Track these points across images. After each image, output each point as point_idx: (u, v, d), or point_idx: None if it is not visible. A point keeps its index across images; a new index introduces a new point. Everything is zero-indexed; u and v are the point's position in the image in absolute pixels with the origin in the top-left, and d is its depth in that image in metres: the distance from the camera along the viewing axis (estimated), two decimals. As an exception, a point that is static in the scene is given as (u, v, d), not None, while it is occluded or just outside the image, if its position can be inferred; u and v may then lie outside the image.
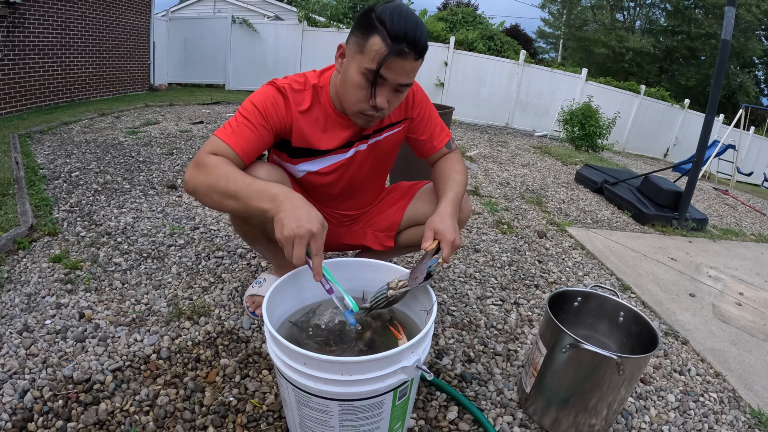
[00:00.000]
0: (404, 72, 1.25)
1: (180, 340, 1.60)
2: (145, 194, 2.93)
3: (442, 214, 1.32)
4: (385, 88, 1.27)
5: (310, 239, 1.10)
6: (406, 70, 1.24)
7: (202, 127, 5.26)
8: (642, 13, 27.92)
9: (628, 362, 1.23)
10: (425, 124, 1.59)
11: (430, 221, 1.31)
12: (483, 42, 13.47)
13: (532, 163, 5.82)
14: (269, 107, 1.35)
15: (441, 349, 1.72)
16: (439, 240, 1.26)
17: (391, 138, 1.57)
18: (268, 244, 1.62)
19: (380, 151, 1.57)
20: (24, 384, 1.34)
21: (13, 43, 6.10)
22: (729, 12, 3.69)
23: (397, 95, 1.32)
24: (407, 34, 1.19)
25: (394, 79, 1.25)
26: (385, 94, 1.28)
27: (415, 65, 1.26)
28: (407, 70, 1.25)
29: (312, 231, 1.09)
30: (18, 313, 1.66)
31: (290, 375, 0.98)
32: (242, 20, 11.16)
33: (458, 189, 1.46)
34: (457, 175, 1.52)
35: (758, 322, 2.39)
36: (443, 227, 1.27)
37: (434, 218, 1.31)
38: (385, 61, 1.20)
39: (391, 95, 1.30)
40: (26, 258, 2.04)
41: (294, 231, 1.09)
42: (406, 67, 1.24)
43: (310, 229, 1.09)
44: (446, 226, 1.27)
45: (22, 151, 3.65)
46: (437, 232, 1.27)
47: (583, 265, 2.72)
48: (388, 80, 1.25)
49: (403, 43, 1.19)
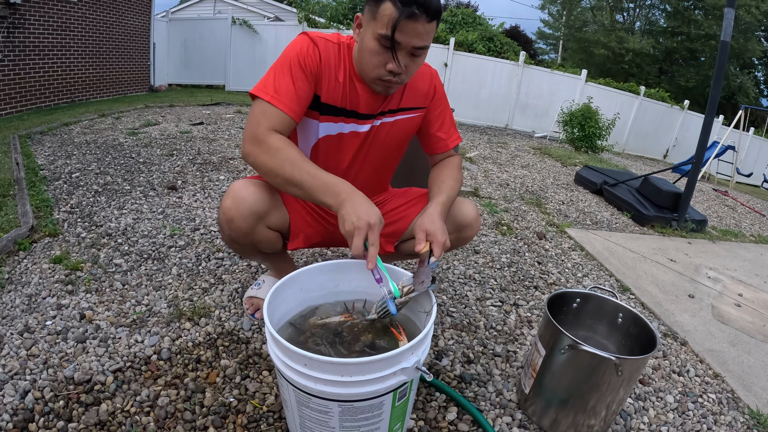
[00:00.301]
0: (417, 34, 1.25)
1: (180, 341, 1.61)
2: (146, 195, 2.93)
3: (432, 216, 1.32)
4: (401, 52, 1.29)
5: (368, 231, 1.17)
6: (418, 32, 1.25)
7: (202, 128, 5.26)
8: (642, 14, 27.95)
9: (626, 363, 1.24)
10: (441, 120, 1.61)
11: (420, 222, 1.30)
12: (483, 43, 13.48)
13: (531, 164, 5.83)
14: (306, 57, 1.36)
15: (440, 350, 1.73)
16: (431, 241, 1.27)
17: (406, 123, 1.56)
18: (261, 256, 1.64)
19: (393, 133, 1.55)
20: (25, 384, 1.35)
21: (14, 44, 6.11)
22: (728, 13, 3.70)
23: (414, 60, 1.32)
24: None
25: (408, 42, 1.26)
26: (401, 58, 1.30)
27: (428, 27, 1.26)
28: (420, 33, 1.25)
29: (370, 223, 1.16)
30: (19, 314, 1.67)
31: (291, 376, 0.98)
32: (242, 21, 11.17)
33: (451, 194, 1.47)
34: (454, 182, 1.53)
35: (757, 323, 2.39)
36: (434, 229, 1.28)
37: (425, 219, 1.31)
38: (398, 25, 1.22)
39: (408, 60, 1.31)
40: (27, 259, 2.05)
41: (354, 224, 1.16)
42: (418, 29, 1.24)
43: (368, 221, 1.16)
44: (437, 228, 1.28)
45: (23, 152, 3.65)
46: (429, 233, 1.28)
47: (583, 267, 2.73)
48: (402, 44, 1.26)
49: (413, 5, 1.21)
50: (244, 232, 1.41)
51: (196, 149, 4.20)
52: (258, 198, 1.39)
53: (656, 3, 26.71)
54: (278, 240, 1.55)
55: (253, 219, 1.39)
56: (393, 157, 1.67)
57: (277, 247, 1.57)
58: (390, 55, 1.28)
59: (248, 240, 1.45)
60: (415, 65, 1.35)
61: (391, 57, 1.28)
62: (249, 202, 1.37)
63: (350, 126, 1.49)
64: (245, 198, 1.37)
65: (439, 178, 1.53)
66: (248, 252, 1.57)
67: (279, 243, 1.56)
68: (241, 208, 1.37)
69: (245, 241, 1.46)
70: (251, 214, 1.38)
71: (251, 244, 1.48)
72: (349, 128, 1.49)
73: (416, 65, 1.35)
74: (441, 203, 1.40)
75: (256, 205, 1.38)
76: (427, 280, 1.19)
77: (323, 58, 1.39)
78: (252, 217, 1.39)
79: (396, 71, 1.31)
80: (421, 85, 1.54)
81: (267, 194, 1.42)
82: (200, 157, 3.93)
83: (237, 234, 1.42)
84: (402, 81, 1.36)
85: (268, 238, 1.48)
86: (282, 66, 1.35)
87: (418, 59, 1.33)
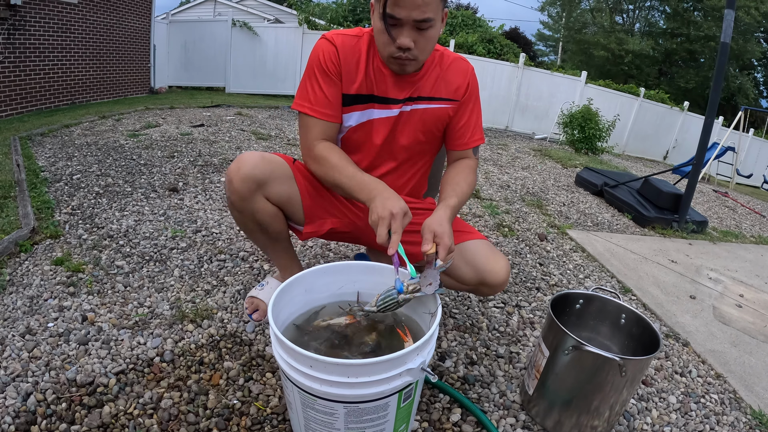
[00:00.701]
0: (414, 6, 1.25)
1: (183, 343, 1.60)
2: (147, 197, 2.93)
3: (441, 218, 1.32)
4: (405, 27, 1.30)
5: (390, 220, 1.22)
6: (415, 4, 1.25)
7: (202, 130, 5.26)
8: (641, 15, 28.02)
9: (630, 364, 1.24)
10: (469, 115, 1.60)
11: (429, 223, 1.30)
12: (483, 45, 13.51)
13: (532, 165, 5.84)
14: (325, 60, 1.44)
15: (444, 351, 1.73)
16: (437, 243, 1.26)
17: (436, 112, 1.56)
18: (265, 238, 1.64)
19: (424, 120, 1.56)
20: (27, 387, 1.34)
21: (14, 45, 6.12)
22: (728, 15, 3.70)
23: (423, 33, 1.32)
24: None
25: (408, 16, 1.27)
26: (406, 33, 1.30)
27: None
28: (417, 5, 1.25)
29: (393, 212, 1.22)
30: (20, 316, 1.66)
31: (296, 377, 0.98)
32: (242, 23, 11.19)
33: (462, 198, 1.47)
34: (467, 186, 1.51)
35: (759, 324, 2.39)
36: (442, 231, 1.27)
37: (433, 221, 1.30)
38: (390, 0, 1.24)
39: (415, 34, 1.31)
40: (28, 261, 2.05)
41: (379, 215, 1.23)
42: (415, 1, 1.24)
43: (391, 210, 1.22)
44: (444, 230, 1.27)
45: (23, 154, 3.65)
46: (436, 235, 1.27)
47: (584, 268, 2.73)
48: (402, 18, 1.27)
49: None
50: (241, 195, 1.45)
51: (196, 151, 4.20)
52: (258, 165, 1.45)
53: (656, 4, 26.79)
54: (277, 216, 1.55)
55: (250, 183, 1.44)
56: (425, 149, 1.66)
57: (278, 227, 1.58)
58: (397, 31, 1.31)
59: (247, 208, 1.49)
60: (425, 40, 1.34)
61: (398, 34, 1.31)
62: (249, 167, 1.43)
63: (379, 111, 1.52)
64: (246, 163, 1.44)
65: (453, 180, 1.52)
66: (251, 228, 1.58)
67: (279, 221, 1.57)
68: (241, 172, 1.43)
69: (245, 209, 1.49)
70: (249, 177, 1.43)
71: (251, 215, 1.51)
72: (378, 113, 1.52)
73: (426, 40, 1.35)
74: (451, 206, 1.39)
75: (254, 171, 1.43)
76: (435, 283, 1.19)
77: (341, 54, 1.45)
78: (249, 181, 1.44)
79: (404, 46, 1.31)
80: (454, 78, 1.55)
81: (269, 166, 1.48)
82: (201, 159, 3.93)
83: (235, 197, 1.47)
84: (416, 57, 1.37)
85: (265, 209, 1.51)
86: (309, 76, 1.47)
87: (427, 33, 1.33)
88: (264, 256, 2.29)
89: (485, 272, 1.49)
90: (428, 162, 1.73)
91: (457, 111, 1.59)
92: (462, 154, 1.63)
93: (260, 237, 1.63)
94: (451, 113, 1.58)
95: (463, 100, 1.58)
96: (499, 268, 1.49)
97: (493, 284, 1.50)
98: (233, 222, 2.67)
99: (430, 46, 1.38)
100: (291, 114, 7.82)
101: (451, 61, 1.56)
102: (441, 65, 1.54)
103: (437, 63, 1.54)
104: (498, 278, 1.49)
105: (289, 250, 1.74)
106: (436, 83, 1.53)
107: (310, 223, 1.59)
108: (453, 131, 1.61)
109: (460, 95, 1.56)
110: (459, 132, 1.60)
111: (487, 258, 1.50)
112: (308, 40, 11.44)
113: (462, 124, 1.60)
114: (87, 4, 7.40)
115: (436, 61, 1.54)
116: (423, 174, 1.75)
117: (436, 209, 1.38)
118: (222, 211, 2.83)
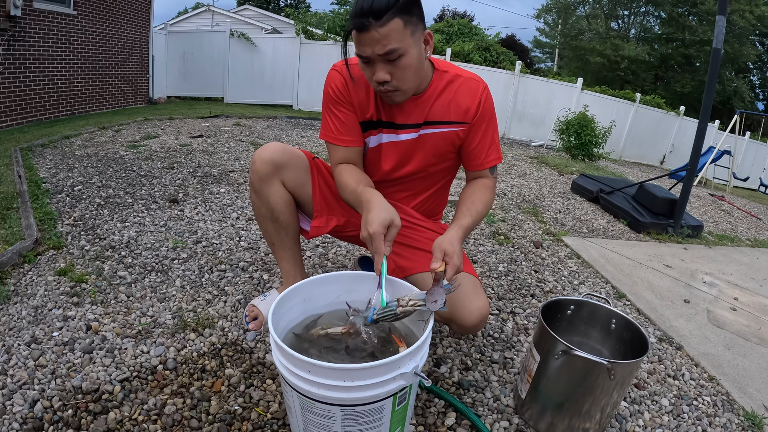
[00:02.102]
0: (374, 42, 1.26)
1: (186, 351, 1.64)
2: (148, 208, 2.97)
3: (452, 239, 1.32)
4: (377, 63, 1.32)
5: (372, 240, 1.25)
6: (374, 39, 1.26)
7: (201, 140, 5.31)
8: (636, 21, 28.20)
9: (618, 367, 1.27)
10: (482, 137, 1.58)
11: (440, 242, 1.30)
12: (479, 53, 13.61)
13: (528, 173, 5.88)
14: (335, 90, 1.55)
15: (439, 357, 1.76)
16: (446, 263, 1.26)
17: (446, 136, 1.58)
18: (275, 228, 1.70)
19: (433, 147, 1.59)
20: (33, 394, 1.38)
21: (14, 57, 6.17)
22: (720, 21, 3.76)
23: (396, 64, 1.32)
24: (361, 7, 1.24)
25: (372, 52, 1.29)
26: (379, 68, 1.33)
27: (383, 31, 1.25)
28: (376, 39, 1.26)
29: (370, 233, 1.25)
30: (25, 326, 1.70)
31: (295, 382, 1.02)
32: (240, 33, 11.27)
33: (477, 218, 1.47)
34: (482, 206, 1.51)
35: (753, 327, 2.43)
36: (452, 251, 1.27)
37: (444, 240, 1.31)
38: (355, 41, 1.30)
39: (389, 67, 1.33)
40: (32, 271, 2.09)
41: (361, 235, 1.29)
42: (373, 36, 1.25)
43: (369, 231, 1.25)
44: (455, 251, 1.28)
45: (25, 165, 3.70)
46: (446, 254, 1.27)
47: (579, 274, 2.77)
48: (370, 56, 1.30)
49: (358, 17, 1.25)
50: (261, 176, 1.59)
51: (196, 162, 4.24)
52: (278, 151, 1.60)
53: (651, 10, 26.96)
54: (290, 205, 1.65)
55: (270, 165, 1.58)
56: (439, 171, 1.69)
57: (288, 217, 1.67)
58: (371, 68, 1.35)
59: (265, 190, 1.61)
60: (401, 70, 1.34)
61: (372, 71, 1.35)
62: (270, 151, 1.59)
63: (388, 136, 1.59)
64: (269, 148, 1.61)
65: (469, 199, 1.53)
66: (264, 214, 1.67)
67: (291, 211, 1.67)
68: (264, 155, 1.59)
69: (262, 190, 1.61)
70: (269, 160, 1.58)
71: (266, 199, 1.62)
72: (387, 138, 1.60)
73: (402, 70, 1.34)
74: (464, 227, 1.39)
75: (274, 156, 1.58)
76: (440, 300, 1.20)
77: (349, 83, 1.53)
78: (269, 163, 1.58)
79: (379, 80, 1.34)
80: (464, 101, 1.54)
81: (289, 154, 1.62)
82: (200, 170, 3.97)
83: (255, 177, 1.61)
84: (397, 88, 1.37)
85: (280, 194, 1.62)
86: (325, 108, 1.59)
87: (400, 63, 1.32)
88: (263, 266, 2.33)
89: (458, 309, 1.42)
90: (443, 180, 1.76)
91: (468, 133, 1.58)
92: (478, 174, 1.63)
93: (271, 227, 1.69)
94: (462, 135, 1.58)
95: (474, 121, 1.56)
96: (473, 309, 1.42)
97: (462, 324, 1.44)
98: (233, 233, 2.71)
99: (408, 74, 1.36)
100: (289, 124, 7.89)
101: (461, 83, 1.55)
102: (452, 88, 1.54)
103: (448, 85, 1.54)
104: (469, 320, 1.42)
105: (296, 257, 1.77)
106: (447, 106, 1.54)
107: (318, 217, 1.67)
108: (467, 153, 1.62)
109: (470, 117, 1.55)
110: (473, 154, 1.61)
111: (465, 296, 1.42)
112: (306, 50, 11.52)
113: (475, 146, 1.59)
114: (86, 16, 7.47)
115: (447, 84, 1.54)
116: (439, 192, 1.78)
117: (448, 228, 1.39)
118: (222, 221, 2.87)
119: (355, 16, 1.25)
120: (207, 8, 17.18)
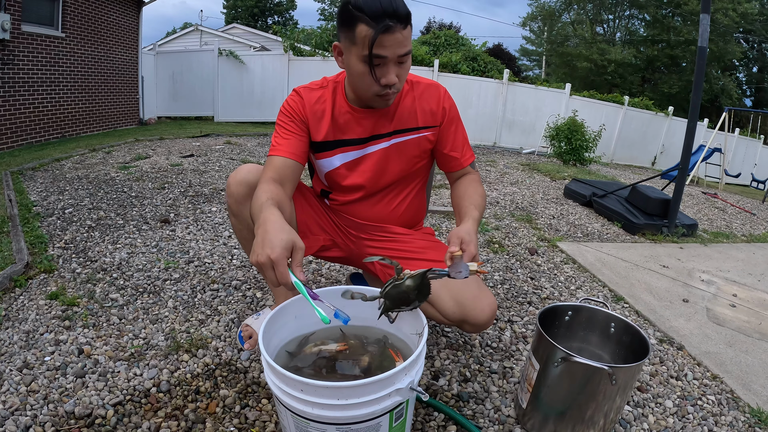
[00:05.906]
0: (398, 44, 1.31)
1: (179, 373, 1.61)
2: (139, 229, 2.95)
3: (468, 228, 1.34)
4: (389, 65, 1.35)
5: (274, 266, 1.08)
6: (398, 41, 1.31)
7: (192, 160, 5.29)
8: (621, 24, 28.49)
9: (619, 372, 1.25)
10: (453, 138, 1.64)
11: (457, 231, 1.31)
12: (467, 63, 13.66)
13: (520, 180, 5.89)
14: (291, 108, 1.55)
15: (437, 370, 1.74)
16: (463, 249, 1.27)
17: (417, 142, 1.61)
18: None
19: (405, 154, 1.62)
20: (26, 420, 1.35)
21: (3, 80, 6.16)
22: (704, 20, 3.79)
23: (403, 66, 1.39)
24: (385, 9, 1.26)
25: (393, 54, 1.32)
26: (391, 70, 1.36)
27: (406, 33, 1.32)
28: (400, 41, 1.31)
29: (272, 258, 1.07)
30: (17, 351, 1.67)
31: (288, 402, 1.00)
32: (229, 52, 11.29)
33: (481, 209, 1.50)
34: (481, 198, 1.55)
35: (753, 322, 2.41)
36: (469, 239, 1.29)
37: (461, 230, 1.32)
38: (376, 41, 1.29)
39: (398, 69, 1.38)
40: (23, 295, 2.06)
41: (256, 259, 1.09)
42: (397, 38, 1.30)
43: (269, 255, 1.07)
44: (471, 239, 1.29)
45: (15, 188, 3.67)
46: (463, 241, 1.28)
47: (576, 279, 2.75)
48: (388, 57, 1.33)
49: (385, 18, 1.26)
50: (236, 198, 1.57)
51: (187, 182, 4.22)
52: (252, 171, 1.57)
53: (635, 13, 27.26)
54: None
55: (244, 187, 1.55)
56: (412, 175, 1.71)
57: None
58: (382, 70, 1.35)
59: (243, 212, 1.58)
60: (405, 71, 1.42)
61: (383, 72, 1.36)
62: (244, 172, 1.57)
63: (354, 153, 1.59)
64: (242, 169, 1.59)
65: (466, 194, 1.56)
66: (246, 236, 1.65)
67: None
68: (237, 177, 1.57)
69: (240, 213, 1.59)
70: (243, 181, 1.56)
71: (246, 220, 1.59)
72: (353, 155, 1.60)
73: (406, 71, 1.42)
74: (475, 219, 1.42)
75: (248, 176, 1.56)
76: (465, 271, 1.22)
77: (307, 105, 1.55)
78: (244, 184, 1.55)
79: (391, 83, 1.37)
80: (428, 105, 1.59)
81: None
82: (192, 190, 3.95)
83: (231, 201, 1.59)
84: (398, 89, 1.43)
85: None
86: (277, 123, 1.57)
87: (406, 64, 1.40)
88: (256, 284, 2.30)
89: (469, 309, 1.44)
90: (421, 179, 1.77)
91: (439, 136, 1.63)
92: (462, 172, 1.68)
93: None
94: (432, 138, 1.63)
95: (443, 125, 1.62)
96: (484, 306, 1.46)
97: (476, 323, 1.47)
98: (225, 251, 2.68)
99: (406, 76, 1.46)
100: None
101: (422, 89, 1.61)
102: (414, 94, 1.59)
103: (410, 92, 1.59)
104: (481, 318, 1.45)
105: None
106: (412, 113, 1.58)
107: (303, 239, 1.61)
108: (444, 156, 1.66)
109: (438, 120, 1.61)
110: (451, 155, 1.65)
111: (473, 295, 1.46)
112: (294, 67, 11.55)
113: (449, 148, 1.64)
114: (75, 38, 7.48)
115: (409, 91, 1.59)
116: (419, 194, 1.79)
117: (462, 222, 1.42)
118: (214, 240, 2.85)
119: (381, 18, 1.27)
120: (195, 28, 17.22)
